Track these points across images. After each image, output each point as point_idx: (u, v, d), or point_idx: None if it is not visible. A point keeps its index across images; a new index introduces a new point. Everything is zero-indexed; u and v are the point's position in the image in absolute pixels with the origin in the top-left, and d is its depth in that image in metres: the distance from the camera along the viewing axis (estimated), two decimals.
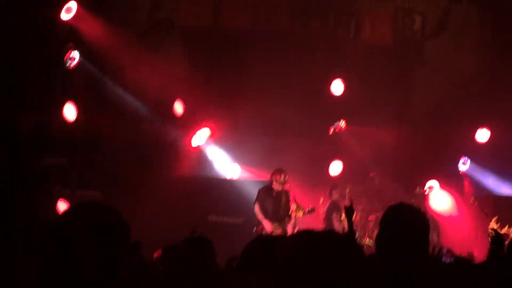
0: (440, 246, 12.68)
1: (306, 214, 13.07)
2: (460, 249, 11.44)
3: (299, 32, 15.72)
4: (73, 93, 13.18)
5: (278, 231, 12.50)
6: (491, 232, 5.71)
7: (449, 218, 14.31)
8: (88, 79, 13.52)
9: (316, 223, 13.75)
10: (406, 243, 3.62)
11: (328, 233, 2.47)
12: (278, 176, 12.81)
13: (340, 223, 13.64)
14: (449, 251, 10.93)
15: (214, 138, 15.44)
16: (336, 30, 16.08)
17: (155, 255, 8.23)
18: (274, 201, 12.75)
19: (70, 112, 12.86)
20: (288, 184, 12.96)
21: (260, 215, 12.68)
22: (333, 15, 16.05)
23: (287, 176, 12.84)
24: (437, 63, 15.61)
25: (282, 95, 15.00)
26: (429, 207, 14.74)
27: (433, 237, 13.22)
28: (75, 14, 13.02)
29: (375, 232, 13.20)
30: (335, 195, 14.16)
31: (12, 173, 10.53)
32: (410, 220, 3.69)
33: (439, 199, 15.22)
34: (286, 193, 12.87)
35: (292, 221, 12.73)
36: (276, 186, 12.76)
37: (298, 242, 2.50)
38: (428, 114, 15.56)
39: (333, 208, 14.06)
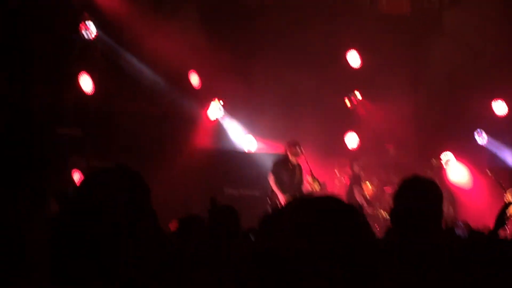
0: (456, 219, 12.71)
1: (320, 188, 13.05)
2: (476, 222, 11.43)
3: (315, 1, 15.58)
4: (89, 64, 13.15)
5: None
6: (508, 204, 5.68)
7: (465, 190, 14.26)
8: (103, 49, 13.48)
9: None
10: (419, 216, 3.63)
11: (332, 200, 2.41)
12: (293, 148, 12.80)
13: (361, 196, 13.65)
14: (465, 223, 10.94)
15: (229, 110, 15.43)
16: None
17: (171, 226, 8.20)
18: (289, 174, 12.77)
19: (86, 83, 12.85)
20: (303, 156, 12.94)
21: (275, 187, 12.71)
22: None
23: (301, 148, 12.83)
24: (455, 33, 15.45)
25: (297, 65, 14.94)
26: (445, 179, 14.71)
27: (449, 209, 13.21)
28: None
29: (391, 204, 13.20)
30: (356, 168, 14.13)
31: (28, 143, 10.56)
32: (423, 192, 3.70)
33: (455, 171, 15.17)
34: (300, 166, 12.88)
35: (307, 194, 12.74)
36: (291, 158, 12.76)
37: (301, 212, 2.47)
38: (445, 85, 15.46)
39: (354, 180, 14.06)
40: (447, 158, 15.31)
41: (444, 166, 14.79)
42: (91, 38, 12.94)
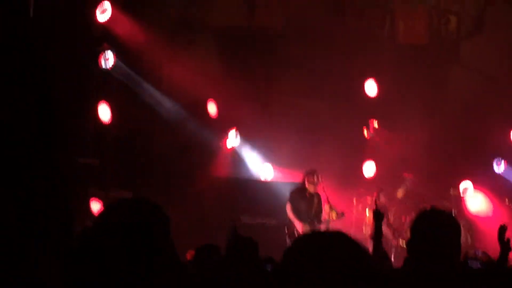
0: (475, 249, 12.61)
1: (337, 217, 13.02)
2: (496, 251, 11.33)
3: (333, 31, 15.62)
4: (108, 94, 13.24)
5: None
6: None
7: (484, 219, 14.16)
8: (122, 79, 13.58)
9: (348, 226, 13.71)
10: (436, 248, 3.61)
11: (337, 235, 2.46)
12: (311, 177, 12.81)
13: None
14: (484, 253, 10.85)
15: (247, 138, 15.46)
16: (371, 28, 15.97)
17: (188, 256, 8.18)
18: (307, 202, 12.76)
19: (104, 112, 12.92)
20: (321, 185, 12.94)
21: (292, 216, 12.70)
22: (368, 13, 15.94)
23: (319, 177, 12.83)
24: (472, 63, 15.46)
25: (315, 94, 14.98)
26: (464, 209, 14.62)
27: (467, 239, 13.12)
28: (110, 15, 13.08)
29: (408, 233, 13.13)
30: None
31: (48, 173, 10.61)
32: (441, 225, 3.69)
33: (474, 201, 15.08)
34: (318, 196, 12.86)
35: (324, 223, 12.70)
36: (309, 187, 12.75)
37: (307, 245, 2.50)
38: (462, 114, 15.40)
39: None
40: (466, 187, 15.23)
41: (463, 196, 14.70)
42: (109, 67, 13.05)
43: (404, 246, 13.13)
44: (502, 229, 4.86)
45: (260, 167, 15.59)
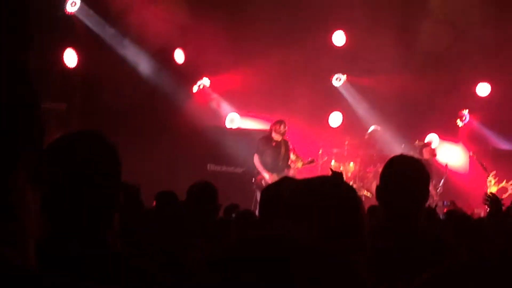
0: (442, 199, 12.79)
1: (305, 164, 13.11)
2: (460, 202, 11.52)
3: None
4: (74, 39, 13.06)
5: None
6: (489, 197, 5.72)
7: (449, 171, 14.31)
8: (88, 24, 13.39)
9: (314, 175, 13.79)
10: (406, 195, 3.64)
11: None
12: (278, 127, 12.84)
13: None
14: (452, 202, 11.05)
15: (215, 87, 15.41)
16: None
17: (155, 203, 8.18)
18: (274, 152, 12.80)
19: (70, 58, 12.76)
20: (287, 135, 12.99)
21: (259, 166, 12.76)
22: None
23: (286, 127, 12.86)
24: (441, 13, 15.42)
25: (284, 44, 14.91)
26: (429, 160, 14.78)
27: (435, 188, 13.29)
28: None
29: (373, 184, 13.30)
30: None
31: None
32: (410, 171, 3.71)
33: (439, 152, 15.24)
34: (286, 143, 12.91)
35: (291, 171, 12.78)
36: (276, 137, 12.79)
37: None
38: (429, 66, 15.45)
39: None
40: (432, 139, 15.37)
41: (428, 147, 14.85)
42: (75, 12, 12.85)
43: (370, 196, 13.31)
44: (489, 197, 4.92)
45: (228, 115, 15.59)
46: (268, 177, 12.64)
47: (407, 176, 3.69)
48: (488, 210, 5.71)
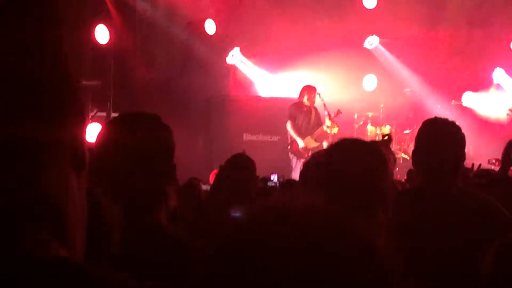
0: (477, 162, 12.66)
1: (333, 119, 13.05)
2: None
3: None
4: (105, 15, 13.08)
5: (313, 145, 12.64)
6: None
7: (485, 129, 14.17)
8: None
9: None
10: (440, 157, 3.62)
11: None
12: (309, 92, 12.87)
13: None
14: (498, 160, 10.93)
15: (247, 55, 15.38)
16: None
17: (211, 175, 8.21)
18: (306, 116, 12.87)
19: (102, 34, 12.78)
20: (322, 101, 13.05)
21: (293, 132, 12.81)
22: None
23: (317, 92, 12.93)
24: None
25: (315, 8, 14.82)
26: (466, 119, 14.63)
27: (469, 150, 13.18)
28: None
29: (411, 146, 13.21)
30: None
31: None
32: (445, 134, 3.68)
33: (475, 111, 15.10)
34: (315, 108, 13.00)
35: (329, 137, 12.77)
36: (306, 102, 12.84)
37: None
38: (463, 23, 15.25)
39: None
40: (467, 98, 15.22)
41: (464, 107, 14.70)
42: None
43: (407, 158, 13.24)
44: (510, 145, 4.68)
45: (261, 84, 15.58)
46: (301, 143, 12.71)
47: (441, 138, 3.67)
48: None
